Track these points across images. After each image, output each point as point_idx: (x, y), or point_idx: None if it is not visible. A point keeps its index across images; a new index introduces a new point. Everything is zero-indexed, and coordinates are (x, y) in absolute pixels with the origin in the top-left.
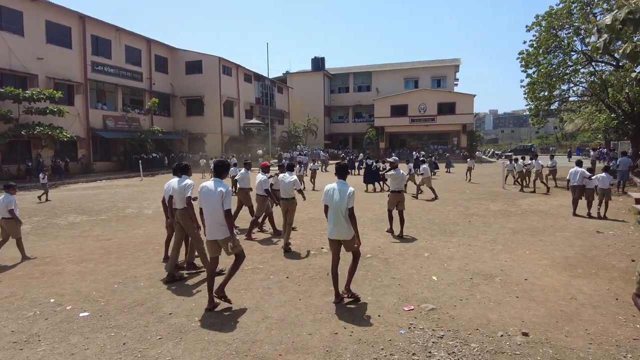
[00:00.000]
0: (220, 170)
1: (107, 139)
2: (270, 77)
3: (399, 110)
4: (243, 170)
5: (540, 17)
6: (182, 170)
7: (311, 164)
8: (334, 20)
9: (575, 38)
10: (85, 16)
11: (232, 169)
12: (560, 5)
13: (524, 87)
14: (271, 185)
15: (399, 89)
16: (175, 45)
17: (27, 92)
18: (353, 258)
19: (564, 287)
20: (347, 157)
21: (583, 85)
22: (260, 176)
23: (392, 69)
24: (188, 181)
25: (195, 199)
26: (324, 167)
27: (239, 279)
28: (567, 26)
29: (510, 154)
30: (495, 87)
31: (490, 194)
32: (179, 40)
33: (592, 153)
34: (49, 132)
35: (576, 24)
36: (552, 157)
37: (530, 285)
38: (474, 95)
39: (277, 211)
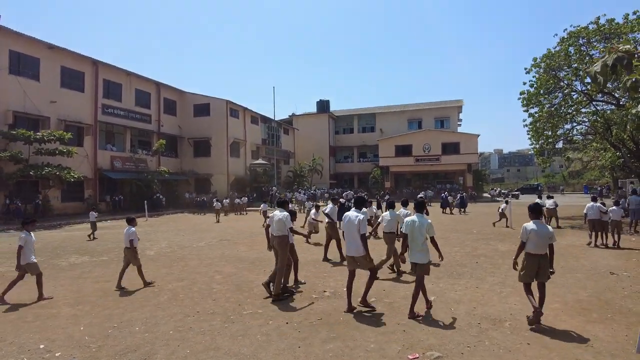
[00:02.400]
0: (360, 204)
1: (114, 180)
2: (277, 119)
3: (404, 150)
4: (331, 205)
5: (538, 59)
6: (282, 205)
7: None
8: (338, 65)
9: (574, 79)
10: (98, 61)
11: (262, 204)
12: (558, 48)
13: (527, 126)
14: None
15: (403, 130)
16: (183, 88)
17: (38, 133)
18: (417, 279)
19: (579, 332)
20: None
21: (586, 124)
22: (330, 206)
23: (396, 110)
24: (286, 214)
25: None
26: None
27: (237, 325)
28: (565, 67)
29: (517, 192)
30: (500, 126)
31: (499, 234)
32: (188, 83)
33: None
34: (57, 173)
35: (574, 65)
36: (549, 197)
37: (542, 330)
38: (478, 135)
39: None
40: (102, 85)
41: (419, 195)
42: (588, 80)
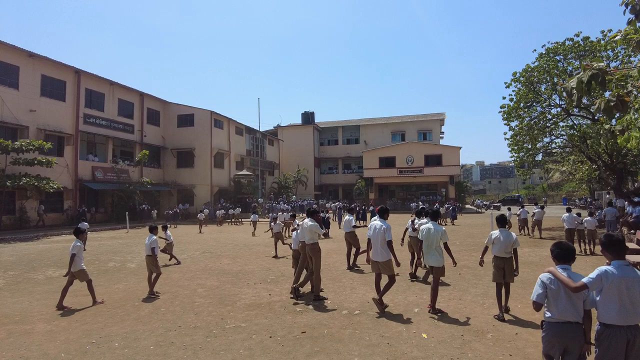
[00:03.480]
0: (384, 213)
1: (95, 190)
2: (262, 130)
3: (387, 162)
4: (349, 215)
5: (518, 74)
6: (312, 214)
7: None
8: (323, 77)
9: (552, 93)
10: (81, 71)
11: (253, 215)
12: (537, 63)
13: (507, 139)
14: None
15: (387, 142)
16: (167, 99)
17: (16, 143)
18: (434, 280)
19: None
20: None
21: (564, 137)
22: (348, 217)
23: (380, 123)
24: (316, 223)
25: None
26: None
27: (220, 339)
28: (544, 82)
29: (498, 204)
30: (481, 139)
31: (480, 245)
32: (172, 94)
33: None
34: (36, 183)
35: (554, 79)
36: (542, 207)
37: (523, 341)
38: (460, 148)
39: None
40: (84, 94)
41: (434, 206)
42: (565, 94)
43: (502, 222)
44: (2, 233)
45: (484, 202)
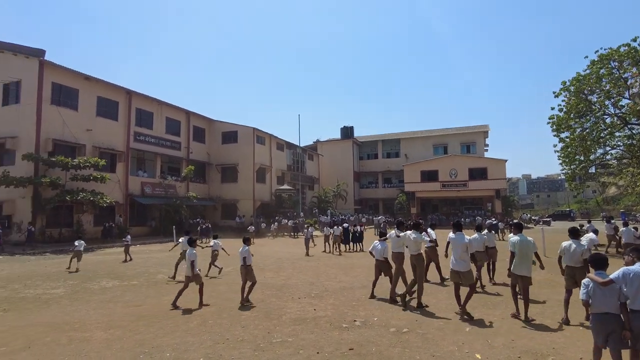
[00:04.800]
0: (458, 227)
1: (144, 205)
2: (301, 145)
3: (430, 176)
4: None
5: (567, 83)
6: (416, 227)
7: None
8: (362, 92)
9: (607, 102)
10: (132, 91)
11: (309, 229)
12: (588, 71)
13: (558, 151)
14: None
15: (428, 155)
16: (212, 116)
17: (75, 160)
18: (523, 291)
19: None
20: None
21: (620, 148)
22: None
23: (421, 136)
24: (421, 235)
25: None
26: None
27: (268, 353)
28: (597, 91)
29: (548, 219)
30: (527, 151)
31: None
32: (216, 111)
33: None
34: (91, 198)
35: (607, 87)
36: (608, 220)
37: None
38: (506, 161)
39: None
40: (134, 113)
41: (515, 220)
42: (622, 102)
43: (574, 233)
44: (62, 244)
45: (533, 217)
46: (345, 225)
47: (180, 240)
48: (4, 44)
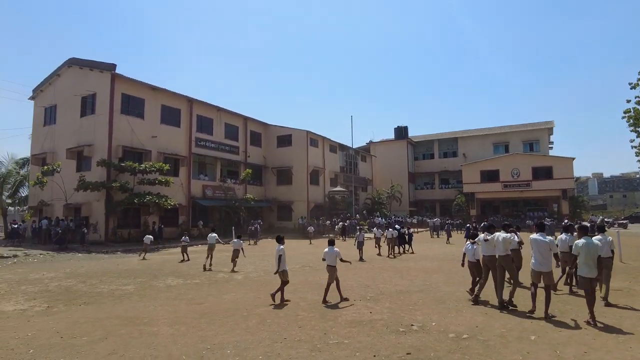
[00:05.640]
0: (542, 228)
1: (205, 207)
2: (354, 146)
3: (490, 176)
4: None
5: None
6: (505, 227)
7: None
8: (416, 90)
9: None
10: (193, 99)
11: (359, 234)
12: None
13: (635, 147)
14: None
15: (488, 154)
16: (267, 121)
17: (142, 165)
18: (590, 290)
19: None
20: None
21: None
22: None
23: (480, 134)
24: (509, 235)
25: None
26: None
27: (324, 354)
28: None
29: (624, 221)
30: (598, 148)
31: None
32: (270, 116)
33: None
34: (157, 201)
35: None
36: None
37: None
38: (573, 159)
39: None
40: (195, 120)
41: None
42: None
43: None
44: (130, 244)
45: (606, 219)
46: (397, 227)
47: (233, 240)
48: (83, 61)
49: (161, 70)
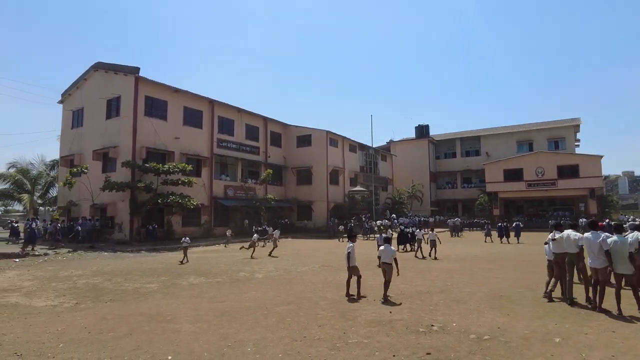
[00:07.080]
0: (594, 227)
1: (227, 206)
2: (374, 146)
3: (514, 175)
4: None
5: None
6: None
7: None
8: (437, 89)
9: None
10: (214, 101)
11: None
12: None
13: None
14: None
15: (512, 153)
16: (287, 121)
17: (165, 166)
18: (633, 285)
19: None
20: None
21: None
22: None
23: (503, 132)
24: (576, 233)
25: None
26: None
27: (344, 353)
28: None
29: None
30: (629, 145)
31: None
32: (290, 116)
33: None
34: (180, 201)
35: None
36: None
37: None
38: (601, 157)
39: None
40: (217, 121)
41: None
42: None
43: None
44: (154, 243)
45: (637, 218)
46: (402, 227)
47: (254, 237)
48: (108, 65)
49: (182, 71)
